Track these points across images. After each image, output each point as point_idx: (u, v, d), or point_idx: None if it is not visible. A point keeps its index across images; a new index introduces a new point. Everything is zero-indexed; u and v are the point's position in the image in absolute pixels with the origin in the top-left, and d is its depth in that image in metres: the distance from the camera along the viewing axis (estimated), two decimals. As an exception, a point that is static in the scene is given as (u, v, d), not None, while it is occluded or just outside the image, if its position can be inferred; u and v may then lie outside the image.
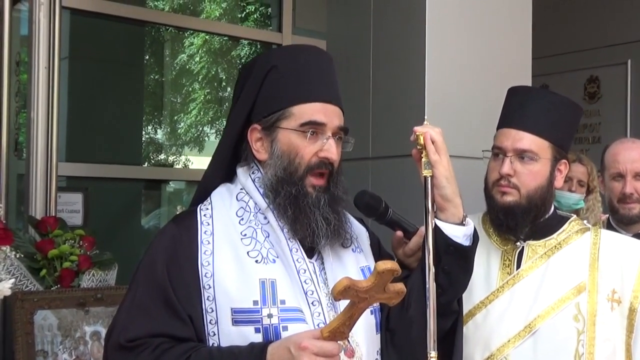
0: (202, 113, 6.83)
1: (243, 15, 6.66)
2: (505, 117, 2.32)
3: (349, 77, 3.23)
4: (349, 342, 1.75)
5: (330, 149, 1.82)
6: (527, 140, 2.22)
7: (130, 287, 1.82)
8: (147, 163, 6.25)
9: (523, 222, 2.25)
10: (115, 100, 5.34)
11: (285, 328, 1.71)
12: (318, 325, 1.72)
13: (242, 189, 1.87)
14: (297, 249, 1.80)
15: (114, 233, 5.07)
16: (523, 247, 2.30)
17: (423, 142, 1.84)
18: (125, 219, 5.42)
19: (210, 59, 6.76)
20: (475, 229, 1.90)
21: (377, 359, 1.86)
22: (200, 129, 6.94)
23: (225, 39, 6.44)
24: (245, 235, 1.80)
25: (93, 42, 5.14)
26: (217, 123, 6.84)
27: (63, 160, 4.28)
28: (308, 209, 1.79)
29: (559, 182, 2.32)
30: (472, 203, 2.41)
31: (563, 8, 5.88)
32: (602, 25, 5.71)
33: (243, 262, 1.75)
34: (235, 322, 1.71)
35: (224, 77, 6.72)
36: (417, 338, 1.81)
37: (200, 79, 6.93)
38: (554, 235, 2.31)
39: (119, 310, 1.80)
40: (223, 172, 1.93)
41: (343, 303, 1.62)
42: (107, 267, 2.83)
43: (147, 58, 6.12)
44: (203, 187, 1.94)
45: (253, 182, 1.85)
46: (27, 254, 2.68)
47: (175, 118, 6.84)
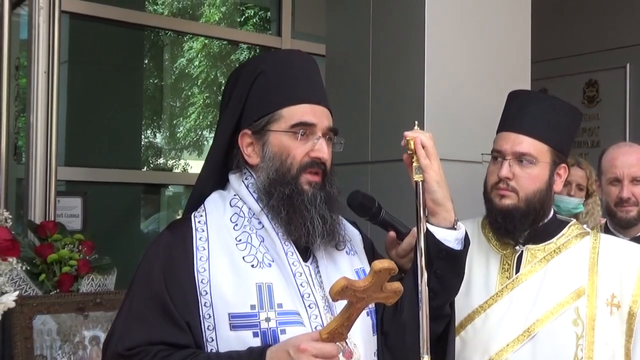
0: (201, 117, 6.84)
1: (242, 20, 6.67)
2: (505, 120, 2.32)
3: (348, 80, 3.23)
4: (347, 343, 1.75)
5: (322, 149, 1.83)
6: (526, 144, 2.22)
7: (127, 295, 1.82)
8: (146, 167, 6.25)
9: (521, 225, 2.25)
10: (115, 105, 5.34)
11: (283, 331, 1.71)
12: (315, 328, 1.72)
13: (235, 195, 1.87)
14: (292, 253, 1.80)
15: (113, 237, 5.07)
16: (522, 251, 2.29)
17: (414, 147, 1.85)
18: (125, 224, 5.42)
19: (210, 63, 6.77)
20: (467, 233, 1.91)
21: None
22: (200, 133, 6.94)
23: (225, 43, 6.45)
24: (240, 241, 1.80)
25: (92, 46, 5.15)
26: (216, 127, 6.84)
27: (62, 165, 4.29)
28: (303, 208, 1.79)
29: (558, 186, 2.32)
30: (471, 207, 2.41)
31: (562, 12, 5.88)
32: (601, 30, 5.71)
33: (239, 267, 1.75)
34: (233, 327, 1.71)
35: (223, 81, 6.72)
36: (410, 342, 1.82)
37: (200, 83, 6.94)
38: (553, 240, 2.30)
39: (117, 319, 1.80)
40: (215, 179, 1.94)
41: (340, 305, 1.63)
42: (106, 271, 2.83)
43: (146, 62, 6.13)
44: (196, 194, 1.94)
45: (247, 187, 1.86)
46: (26, 259, 2.68)
47: (175, 122, 6.84)
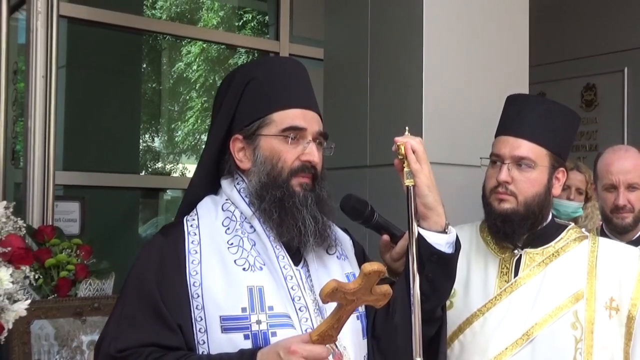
0: (199, 121, 6.83)
1: (240, 24, 6.67)
2: (503, 124, 2.32)
3: (347, 84, 3.23)
4: (337, 346, 1.76)
5: (312, 152, 1.86)
6: (524, 148, 2.23)
7: (120, 297, 1.83)
8: (144, 171, 6.25)
9: (520, 229, 2.25)
10: (113, 109, 5.34)
11: (274, 334, 1.73)
12: (306, 331, 1.74)
13: (227, 200, 1.89)
14: (283, 256, 1.82)
15: (111, 242, 5.07)
16: (521, 255, 2.29)
17: (404, 151, 1.86)
18: (123, 228, 5.41)
19: (208, 67, 6.77)
20: (458, 237, 1.92)
21: None
22: (198, 137, 6.93)
23: (223, 47, 6.45)
24: (232, 244, 1.82)
25: (90, 50, 5.15)
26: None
27: (60, 169, 4.28)
28: (295, 209, 1.81)
29: (557, 189, 2.32)
30: (470, 211, 2.41)
31: (560, 16, 5.89)
32: (598, 33, 5.72)
33: (230, 270, 1.77)
34: (225, 329, 1.73)
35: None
36: (401, 345, 1.84)
37: (198, 87, 6.94)
38: (552, 243, 2.30)
39: (109, 321, 1.81)
40: (207, 184, 1.95)
41: (330, 309, 1.65)
42: (104, 276, 2.83)
43: (144, 66, 6.13)
44: (188, 199, 1.96)
45: (239, 192, 1.88)
46: (23, 263, 2.67)
47: (173, 126, 6.84)
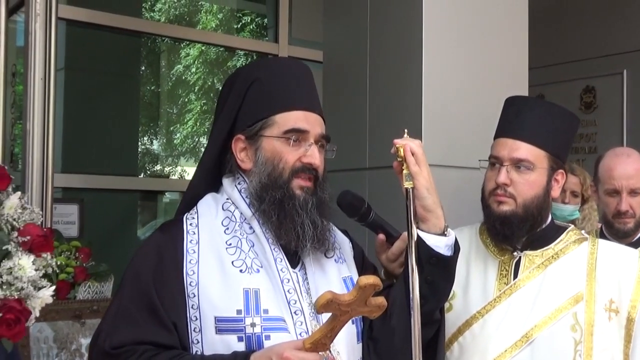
0: (198, 124, 6.83)
1: (239, 26, 6.67)
2: (502, 126, 2.32)
3: (346, 87, 3.23)
4: (330, 351, 1.76)
5: (314, 155, 1.86)
6: (523, 150, 2.23)
7: (116, 294, 1.84)
8: (143, 174, 6.24)
9: (519, 231, 2.25)
10: (111, 111, 5.34)
11: (268, 337, 1.72)
12: (300, 335, 1.74)
13: (228, 199, 1.89)
14: (281, 259, 1.82)
15: (110, 244, 5.06)
16: (520, 257, 2.29)
17: (403, 154, 1.86)
18: (121, 230, 5.41)
19: (207, 70, 6.77)
20: (457, 239, 1.91)
21: None
22: (197, 140, 6.93)
23: (222, 50, 6.45)
24: (230, 245, 1.82)
25: (89, 53, 5.15)
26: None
27: (59, 172, 4.28)
28: (294, 212, 1.81)
29: (556, 191, 2.32)
30: (469, 213, 2.41)
31: (559, 19, 5.90)
32: (598, 36, 5.72)
33: (227, 271, 1.77)
34: (219, 330, 1.73)
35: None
36: (399, 347, 1.84)
37: (197, 90, 6.94)
38: (551, 245, 2.30)
39: (105, 318, 1.82)
40: (208, 182, 1.96)
41: (325, 314, 1.64)
42: (103, 278, 2.83)
43: (143, 69, 6.13)
44: (189, 196, 1.96)
45: (239, 192, 1.88)
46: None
47: (171, 129, 6.84)
